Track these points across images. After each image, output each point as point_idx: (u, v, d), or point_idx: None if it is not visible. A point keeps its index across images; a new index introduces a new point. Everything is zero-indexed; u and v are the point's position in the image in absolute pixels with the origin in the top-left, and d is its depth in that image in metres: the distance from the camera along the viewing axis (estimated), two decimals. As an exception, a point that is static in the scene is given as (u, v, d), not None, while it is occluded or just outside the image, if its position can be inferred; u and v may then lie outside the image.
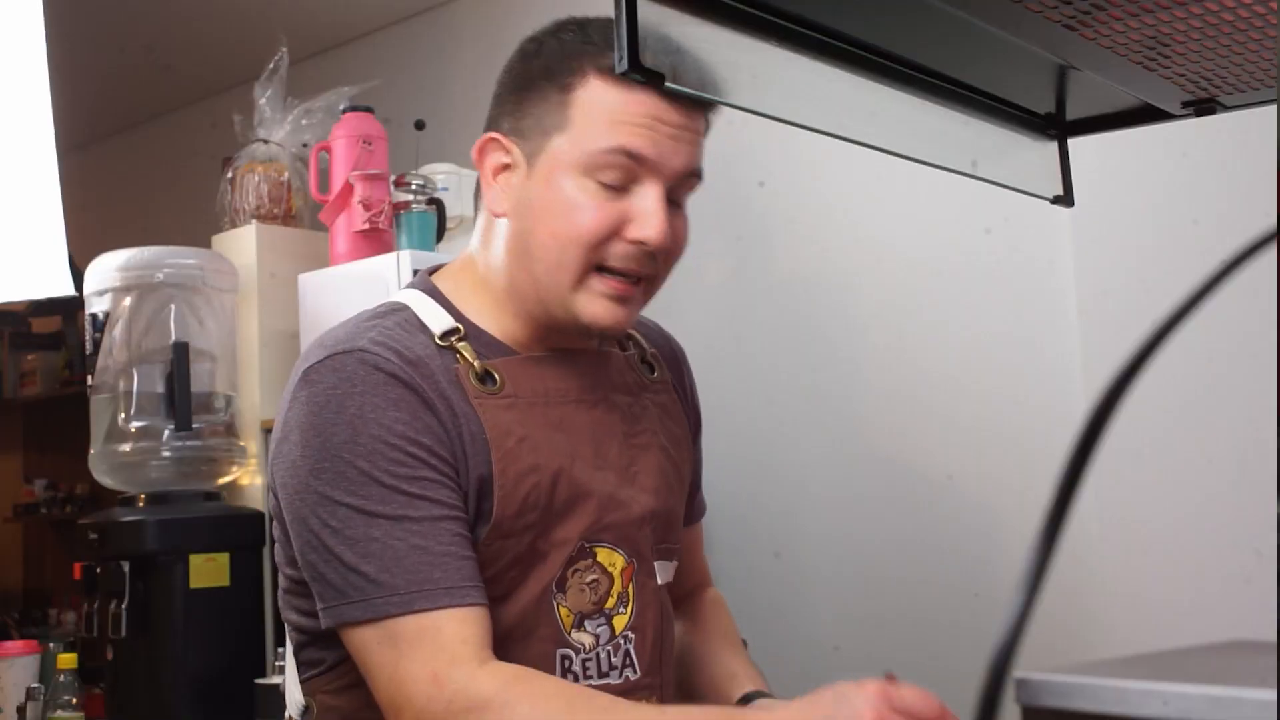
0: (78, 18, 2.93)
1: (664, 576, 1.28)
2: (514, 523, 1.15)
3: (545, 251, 1.17)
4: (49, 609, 4.53)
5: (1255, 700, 0.48)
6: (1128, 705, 0.51)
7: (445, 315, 1.22)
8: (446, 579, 1.09)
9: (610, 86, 1.15)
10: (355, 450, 1.11)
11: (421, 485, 1.11)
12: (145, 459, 2.26)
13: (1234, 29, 0.82)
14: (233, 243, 2.49)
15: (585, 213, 1.15)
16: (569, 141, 1.15)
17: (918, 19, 0.84)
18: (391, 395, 1.13)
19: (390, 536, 1.09)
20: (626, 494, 1.23)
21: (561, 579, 1.19)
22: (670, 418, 1.34)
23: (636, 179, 1.16)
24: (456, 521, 1.12)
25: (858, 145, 0.97)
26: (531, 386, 1.21)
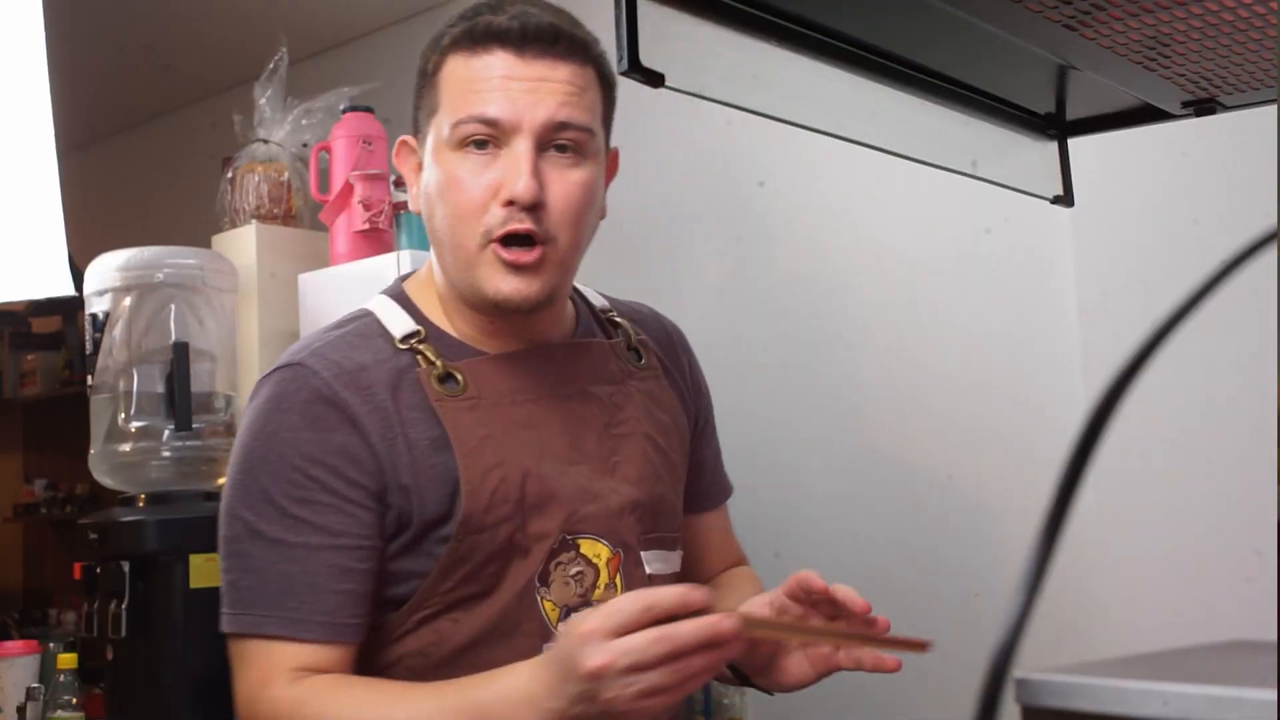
0: (78, 18, 2.93)
1: (660, 566, 1.27)
2: (484, 518, 1.16)
3: (444, 234, 1.20)
4: (49, 609, 4.53)
5: (1255, 700, 0.48)
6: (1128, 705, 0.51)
7: (407, 319, 1.24)
8: (299, 610, 1.14)
9: (462, 59, 1.18)
10: (264, 466, 1.17)
11: (309, 509, 1.14)
12: (145, 459, 2.26)
13: (1234, 29, 0.82)
14: (233, 243, 2.49)
15: (461, 187, 1.17)
16: (439, 121, 1.20)
17: (918, 19, 0.84)
18: (311, 414, 1.16)
19: (264, 557, 1.16)
20: (604, 485, 1.23)
21: (544, 572, 1.18)
22: (658, 405, 1.32)
23: (503, 143, 1.17)
24: (340, 551, 1.14)
25: (858, 145, 0.97)
26: (495, 386, 1.22)
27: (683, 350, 1.43)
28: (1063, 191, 1.14)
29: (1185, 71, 0.91)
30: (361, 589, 1.16)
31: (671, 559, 1.30)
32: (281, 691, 1.13)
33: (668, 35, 0.74)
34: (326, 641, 1.15)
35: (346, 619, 1.16)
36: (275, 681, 1.14)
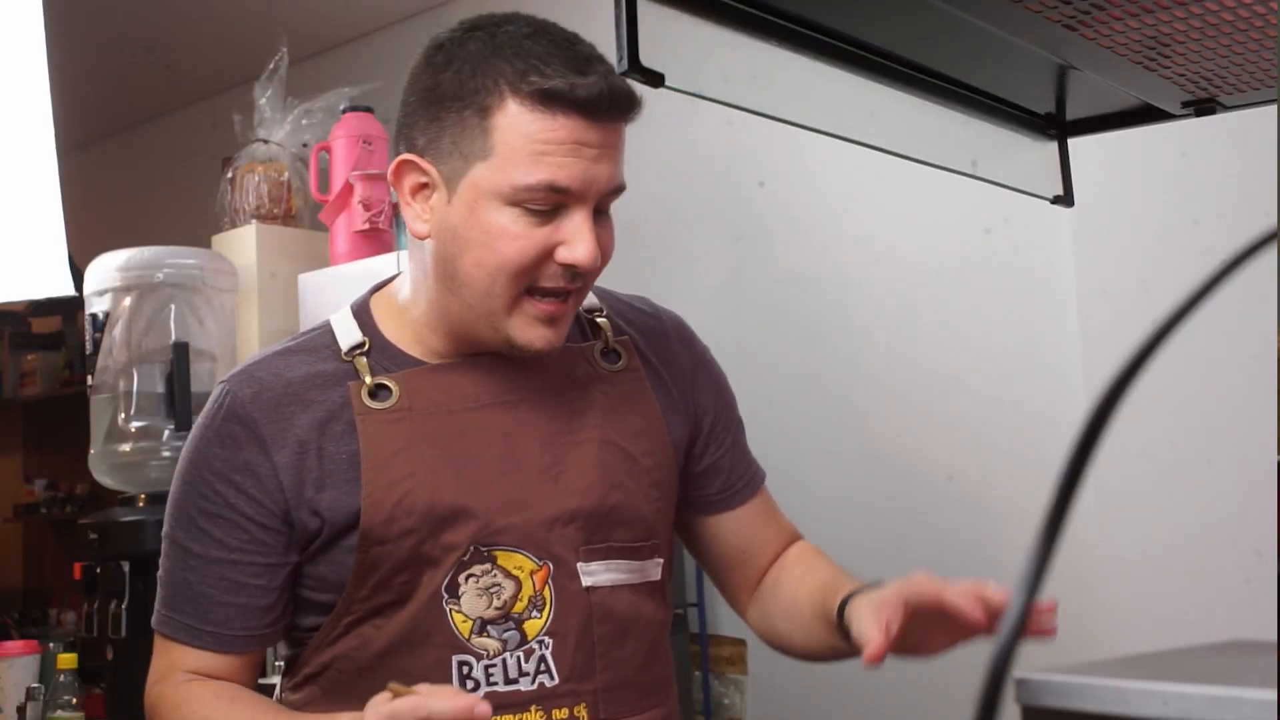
0: (78, 18, 2.93)
1: (611, 578, 1.23)
2: (385, 529, 1.16)
3: (473, 279, 1.16)
4: (49, 609, 4.53)
5: (1255, 700, 0.48)
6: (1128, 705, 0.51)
7: (356, 331, 1.26)
8: (193, 617, 1.23)
9: (529, 112, 1.12)
10: (183, 477, 1.24)
11: (212, 522, 1.21)
12: (145, 459, 2.26)
13: (1234, 29, 0.82)
14: (233, 243, 2.49)
15: (512, 242, 1.14)
16: (492, 170, 1.13)
17: (918, 19, 0.84)
18: (224, 431, 1.21)
19: (174, 563, 1.25)
20: (539, 494, 1.20)
21: (452, 584, 1.17)
22: (630, 408, 1.28)
23: (563, 205, 1.14)
24: (234, 566, 1.20)
25: (858, 145, 0.97)
26: (431, 397, 1.21)
27: (682, 346, 1.38)
28: (1063, 191, 1.14)
29: (1185, 71, 0.91)
30: (254, 603, 1.21)
31: (643, 569, 1.26)
32: (170, 689, 1.23)
33: (668, 35, 0.74)
34: (214, 650, 1.23)
35: (235, 631, 1.22)
36: (169, 678, 1.24)
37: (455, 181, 1.16)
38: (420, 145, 1.18)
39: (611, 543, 1.23)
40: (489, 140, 1.13)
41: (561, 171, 1.12)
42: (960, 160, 1.06)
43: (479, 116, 1.13)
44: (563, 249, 1.14)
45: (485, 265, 1.15)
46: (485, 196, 1.14)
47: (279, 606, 1.22)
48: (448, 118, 1.16)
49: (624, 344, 1.31)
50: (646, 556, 1.27)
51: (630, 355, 1.31)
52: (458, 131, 1.15)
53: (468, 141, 1.14)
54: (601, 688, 1.20)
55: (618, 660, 1.21)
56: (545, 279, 1.16)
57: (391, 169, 1.21)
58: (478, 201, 1.14)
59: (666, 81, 0.75)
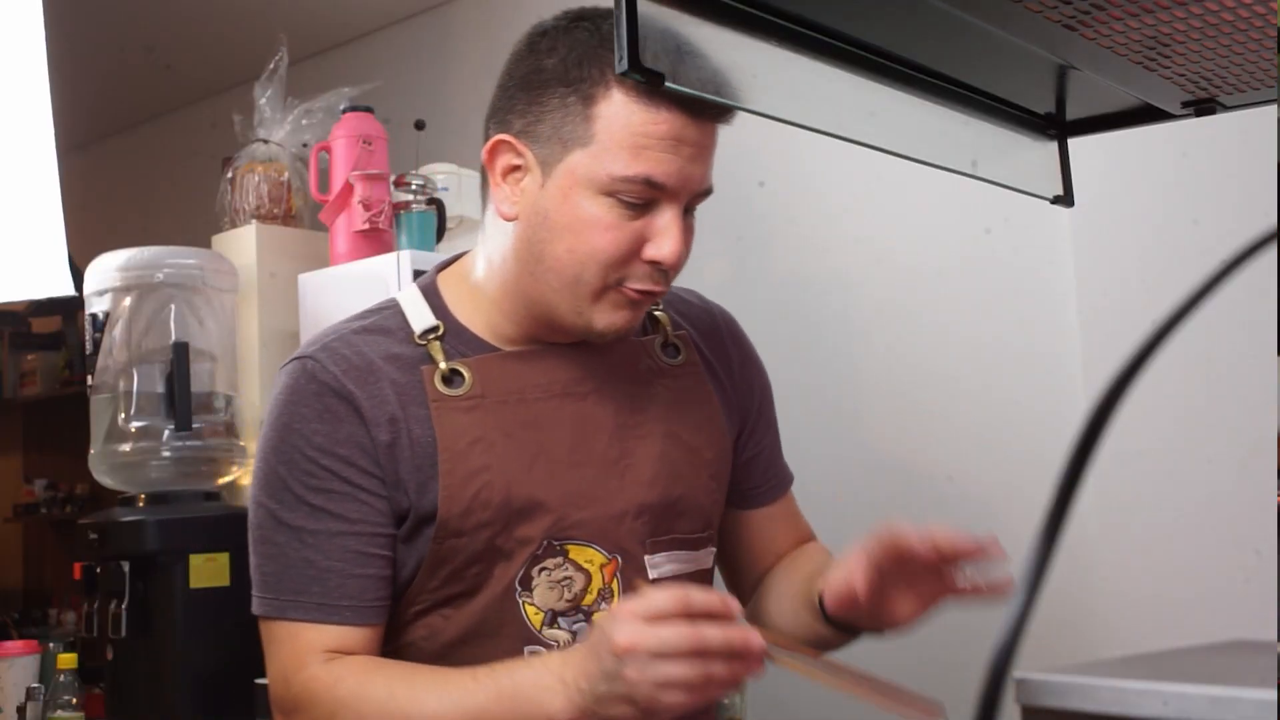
0: (78, 18, 2.93)
1: (673, 568, 1.25)
2: (462, 522, 1.16)
3: (561, 265, 1.16)
4: (49, 609, 4.53)
5: (1255, 700, 0.48)
6: (1127, 705, 0.51)
7: (429, 314, 1.24)
8: (322, 594, 1.17)
9: (633, 103, 1.12)
10: (279, 456, 1.19)
11: (325, 498, 1.17)
12: (145, 459, 2.26)
13: (1234, 29, 0.82)
14: (233, 243, 2.49)
15: (604, 233, 1.14)
16: (590, 158, 1.13)
17: (918, 19, 0.84)
18: (320, 406, 1.18)
19: (287, 545, 1.18)
20: (608, 488, 1.21)
21: (526, 577, 1.18)
22: (692, 401, 1.30)
23: (656, 200, 1.15)
24: (357, 538, 1.17)
25: (858, 145, 0.97)
26: (504, 385, 1.21)
27: (731, 341, 1.39)
28: (1063, 191, 1.14)
29: (1185, 71, 0.91)
30: (381, 573, 1.18)
31: (697, 558, 1.28)
32: (316, 670, 1.16)
33: (668, 35, 0.74)
34: (352, 624, 1.17)
35: (370, 601, 1.18)
36: (308, 663, 1.16)
37: (551, 166, 1.15)
38: (517, 128, 1.18)
39: (674, 534, 1.25)
40: (590, 128, 1.13)
41: (659, 166, 1.12)
42: (960, 160, 1.06)
43: (582, 103, 1.13)
44: (650, 245, 1.16)
45: (576, 253, 1.15)
46: (580, 184, 1.14)
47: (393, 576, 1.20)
48: (550, 102, 1.15)
49: (682, 338, 1.33)
50: (702, 546, 1.29)
51: (689, 350, 1.33)
52: (559, 117, 1.14)
53: (569, 127, 1.14)
54: None
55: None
56: (633, 277, 1.17)
57: (486, 148, 1.20)
58: (573, 188, 1.14)
59: (667, 81, 0.75)
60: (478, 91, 3.44)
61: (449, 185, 2.43)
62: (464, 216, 2.48)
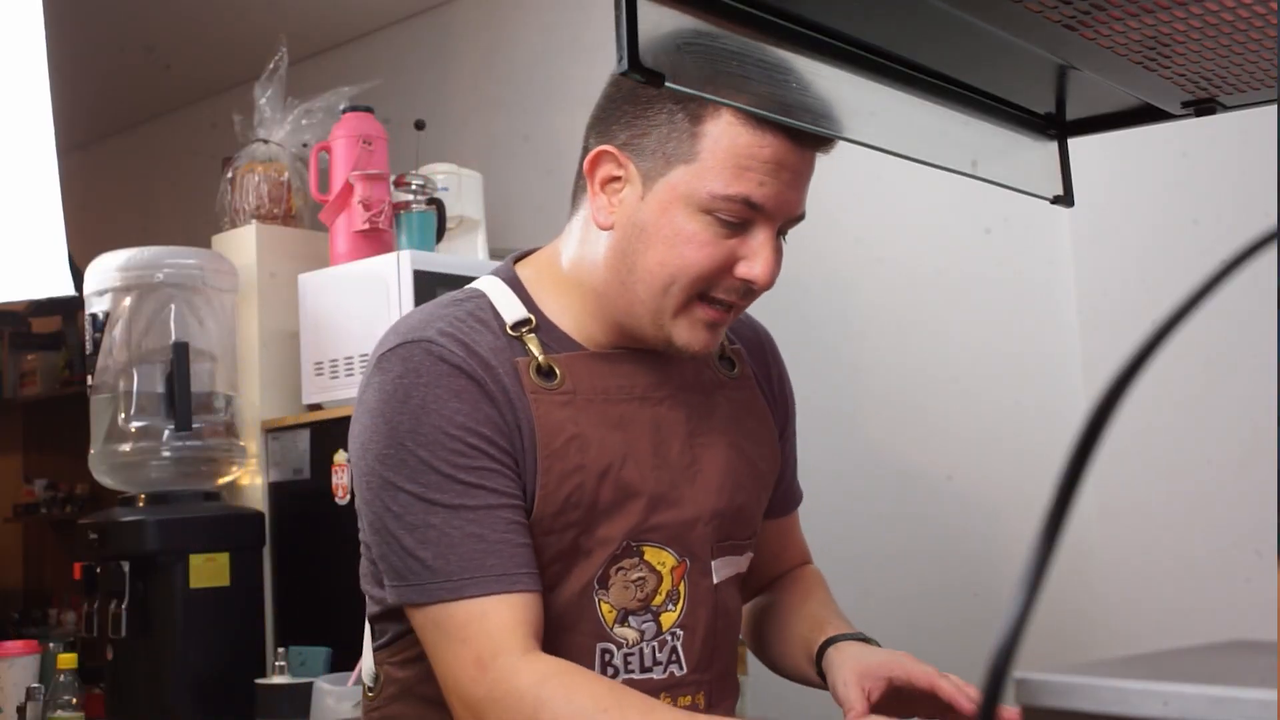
0: (78, 18, 2.93)
1: (727, 572, 1.28)
2: (554, 521, 1.17)
3: (652, 277, 1.18)
4: (49, 609, 4.53)
5: (1255, 700, 0.48)
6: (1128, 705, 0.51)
7: (520, 305, 1.25)
8: (500, 565, 1.13)
9: (740, 125, 1.14)
10: (417, 439, 1.15)
11: (479, 475, 1.15)
12: (145, 459, 2.26)
13: (1234, 29, 0.82)
14: (233, 243, 2.49)
15: (699, 250, 1.16)
16: (693, 176, 1.15)
17: (918, 19, 0.84)
18: (454, 386, 1.17)
19: (447, 524, 1.14)
20: (682, 493, 1.23)
21: (604, 576, 1.20)
22: (749, 414, 1.34)
23: (752, 220, 1.17)
24: (513, 510, 1.16)
25: (858, 145, 0.97)
26: (593, 383, 1.23)
27: (772, 358, 1.43)
28: (1063, 191, 1.14)
29: (1185, 71, 0.91)
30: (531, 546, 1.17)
31: (739, 562, 1.32)
32: (516, 661, 1.10)
33: (668, 35, 0.74)
34: (535, 590, 1.15)
35: (536, 569, 1.16)
36: (506, 648, 1.11)
37: (653, 180, 1.18)
38: (621, 139, 1.20)
39: (733, 540, 1.28)
40: (696, 145, 1.15)
41: (760, 189, 1.15)
42: (960, 160, 1.06)
43: (690, 121, 1.16)
44: (743, 264, 1.18)
45: (668, 266, 1.17)
46: (681, 200, 1.16)
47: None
48: (657, 117, 1.17)
49: (736, 353, 1.37)
50: (744, 552, 1.32)
51: (742, 364, 1.36)
52: (665, 132, 1.17)
53: (674, 143, 1.16)
54: (715, 677, 1.25)
55: (727, 651, 1.28)
56: (720, 290, 1.19)
57: (589, 158, 1.21)
58: (673, 203, 1.17)
59: (666, 81, 0.75)
60: (478, 91, 3.46)
61: (449, 185, 2.43)
62: (464, 216, 2.48)
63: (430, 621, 1.14)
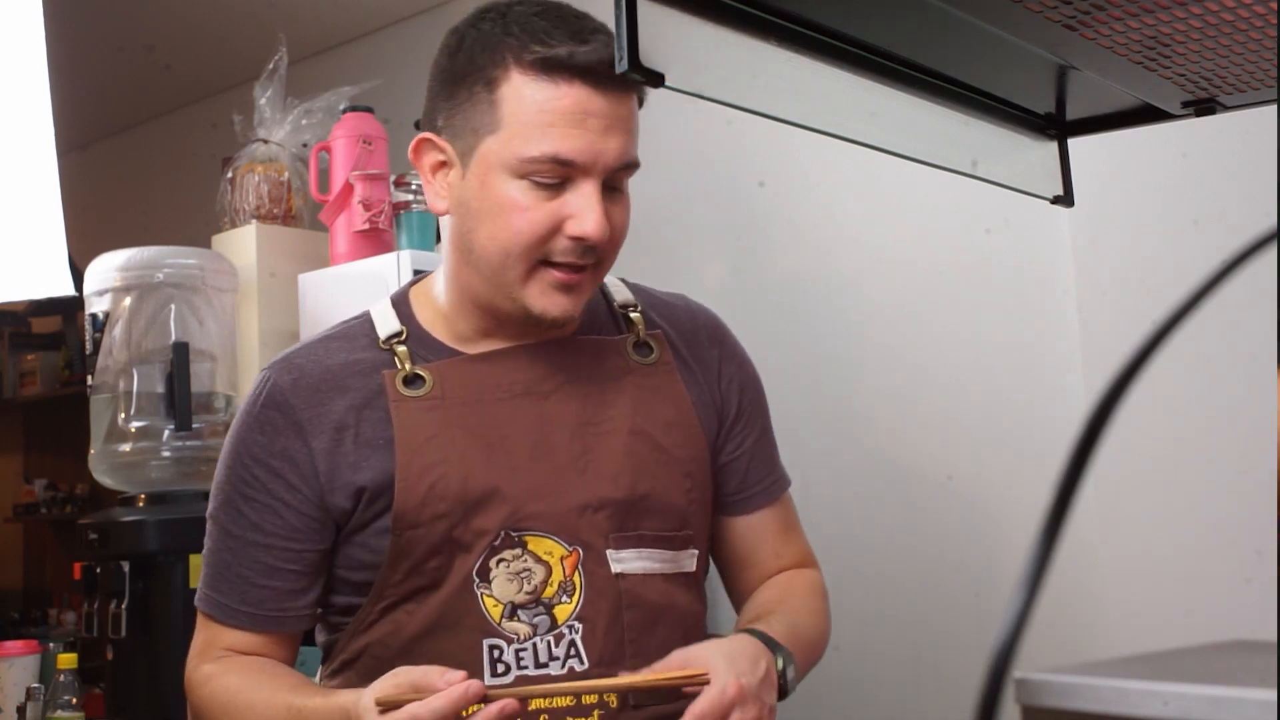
0: (78, 18, 2.93)
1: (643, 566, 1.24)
2: (418, 513, 1.20)
3: (487, 252, 1.19)
4: (49, 609, 4.53)
5: (1255, 700, 0.48)
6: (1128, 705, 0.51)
7: (394, 321, 1.29)
8: (229, 597, 1.26)
9: (534, 81, 1.15)
10: (225, 460, 1.29)
11: (251, 507, 1.25)
12: (145, 459, 2.26)
13: (1234, 29, 0.82)
14: (233, 243, 2.49)
15: (522, 214, 1.16)
16: (499, 143, 1.16)
17: (918, 19, 0.84)
18: (263, 419, 1.25)
19: (214, 542, 1.29)
20: (568, 482, 1.22)
21: (483, 568, 1.20)
22: (663, 401, 1.30)
23: (571, 176, 1.16)
24: (268, 550, 1.24)
25: (858, 145, 0.97)
26: (464, 387, 1.24)
27: (710, 342, 1.39)
28: (1063, 191, 1.14)
29: (1185, 71, 0.91)
30: (288, 586, 1.25)
31: (676, 559, 1.27)
32: (206, 663, 1.27)
33: (668, 35, 0.74)
34: (246, 629, 1.26)
35: (270, 611, 1.25)
36: (207, 654, 1.28)
37: (468, 157, 1.19)
38: (439, 125, 1.22)
39: (642, 531, 1.25)
40: (497, 113, 1.16)
41: (566, 143, 1.14)
42: (960, 160, 1.06)
43: (487, 90, 1.17)
44: (571, 222, 1.17)
45: (498, 238, 1.18)
46: (494, 169, 1.17)
47: (313, 590, 1.26)
48: (460, 95, 1.19)
49: (656, 338, 1.33)
50: (680, 547, 1.28)
51: (662, 349, 1.33)
52: (469, 108, 1.18)
53: (478, 116, 1.18)
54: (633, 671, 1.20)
55: (648, 647, 1.21)
56: (557, 253, 1.18)
57: (411, 148, 1.24)
58: (488, 175, 1.18)
59: (666, 81, 0.75)
60: (478, 91, 3.35)
61: (449, 185, 2.43)
62: (464, 216, 2.48)
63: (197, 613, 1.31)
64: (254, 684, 1.22)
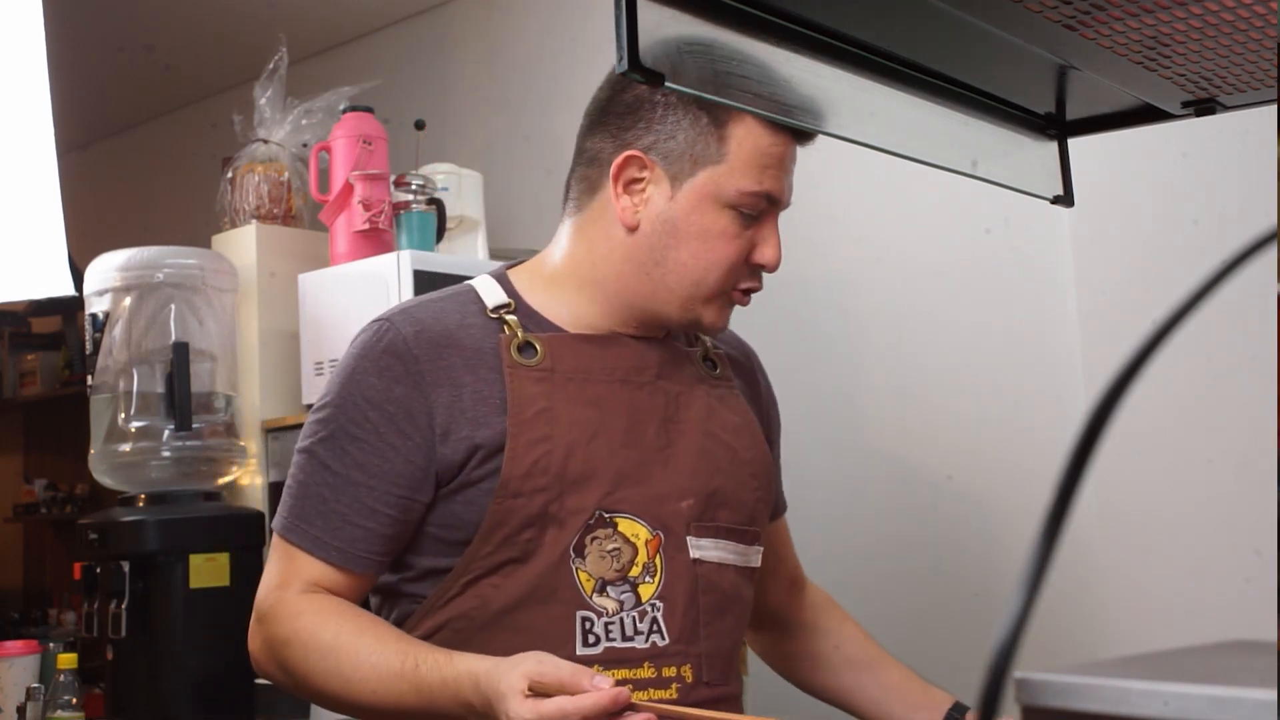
0: (78, 18, 2.93)
1: (720, 555, 1.33)
2: (521, 484, 1.24)
3: (685, 270, 1.29)
4: (49, 609, 4.53)
5: (1255, 700, 0.48)
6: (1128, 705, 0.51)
7: (501, 293, 1.35)
8: (322, 530, 1.27)
9: (762, 128, 1.27)
10: (335, 400, 1.30)
11: (358, 446, 1.27)
12: (145, 459, 2.26)
13: (1234, 29, 0.82)
14: (233, 243, 2.49)
15: (729, 243, 1.29)
16: (720, 176, 1.27)
17: (918, 19, 0.84)
18: (381, 365, 1.28)
19: (310, 476, 1.29)
20: (653, 471, 1.30)
21: (580, 544, 1.26)
22: (728, 409, 1.40)
23: (765, 211, 1.30)
24: (370, 491, 1.26)
25: (858, 145, 0.97)
26: (573, 362, 1.31)
27: (760, 374, 1.54)
28: (1063, 191, 1.14)
29: (1185, 71, 0.91)
30: (382, 530, 1.27)
31: (747, 554, 1.36)
32: (292, 596, 1.27)
33: (668, 35, 0.74)
34: (336, 565, 1.27)
35: (362, 552, 1.27)
36: (290, 585, 1.28)
37: (680, 180, 1.28)
38: (645, 143, 1.29)
39: (719, 523, 1.34)
40: (723, 147, 1.27)
41: (776, 183, 1.29)
42: (960, 160, 1.06)
43: (715, 125, 1.27)
44: (757, 251, 1.31)
45: (702, 259, 1.29)
46: (710, 198, 1.28)
47: (402, 539, 1.29)
48: (681, 121, 1.28)
49: (719, 358, 1.46)
50: (750, 542, 1.37)
51: (725, 369, 1.45)
52: (691, 135, 1.28)
53: (701, 146, 1.27)
54: (705, 653, 1.29)
55: (719, 631, 1.31)
56: (744, 279, 1.33)
57: (618, 161, 1.30)
58: (702, 202, 1.28)
59: (666, 81, 0.75)
60: (478, 91, 3.46)
61: (449, 185, 2.43)
62: (464, 216, 2.48)
63: (274, 541, 1.32)
64: (355, 628, 1.23)
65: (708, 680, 1.28)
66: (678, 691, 1.26)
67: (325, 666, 1.22)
